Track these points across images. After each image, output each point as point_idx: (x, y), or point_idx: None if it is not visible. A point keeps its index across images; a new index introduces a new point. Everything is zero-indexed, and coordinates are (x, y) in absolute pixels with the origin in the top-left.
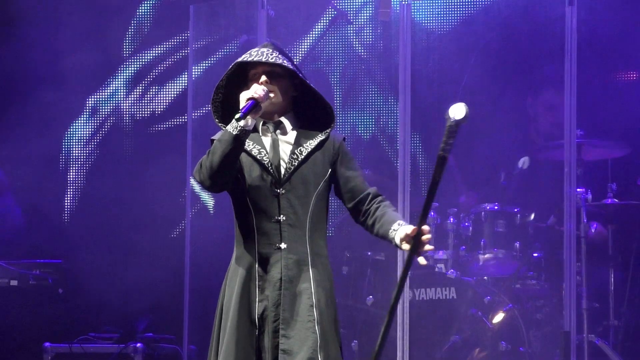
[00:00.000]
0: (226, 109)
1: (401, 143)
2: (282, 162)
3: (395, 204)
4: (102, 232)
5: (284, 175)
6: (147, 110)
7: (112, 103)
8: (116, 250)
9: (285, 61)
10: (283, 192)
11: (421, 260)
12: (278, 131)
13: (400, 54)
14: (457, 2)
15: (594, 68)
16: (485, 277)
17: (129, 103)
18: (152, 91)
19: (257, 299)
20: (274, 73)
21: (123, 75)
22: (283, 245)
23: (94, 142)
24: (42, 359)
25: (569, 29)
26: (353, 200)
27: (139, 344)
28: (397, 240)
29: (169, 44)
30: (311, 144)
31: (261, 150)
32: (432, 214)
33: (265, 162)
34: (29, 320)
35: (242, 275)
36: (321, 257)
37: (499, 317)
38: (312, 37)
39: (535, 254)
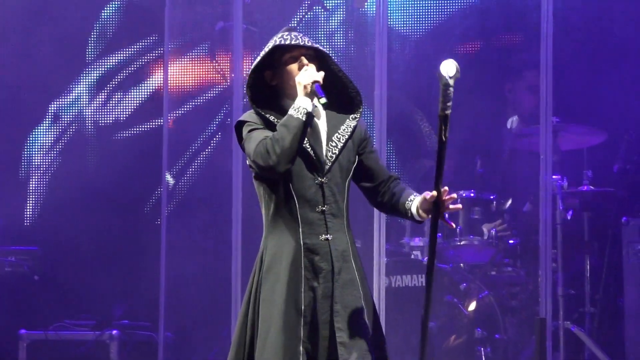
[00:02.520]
0: (253, 90)
1: (377, 141)
2: (322, 150)
3: (371, 211)
4: (67, 233)
5: (326, 163)
6: (111, 117)
7: (75, 109)
8: (91, 239)
9: (319, 45)
10: (326, 181)
11: (451, 224)
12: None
13: (377, 42)
14: None
15: (569, 55)
16: (461, 264)
17: (92, 109)
18: (117, 97)
19: (303, 290)
20: (309, 56)
21: (86, 81)
22: (329, 237)
23: (57, 149)
24: (18, 346)
25: (545, 16)
26: (374, 182)
27: (114, 331)
28: (414, 210)
29: (134, 49)
30: (345, 130)
31: None
32: None
33: (308, 149)
34: (4, 307)
35: (287, 265)
36: (355, 246)
37: (474, 304)
38: (292, 24)
39: (510, 241)
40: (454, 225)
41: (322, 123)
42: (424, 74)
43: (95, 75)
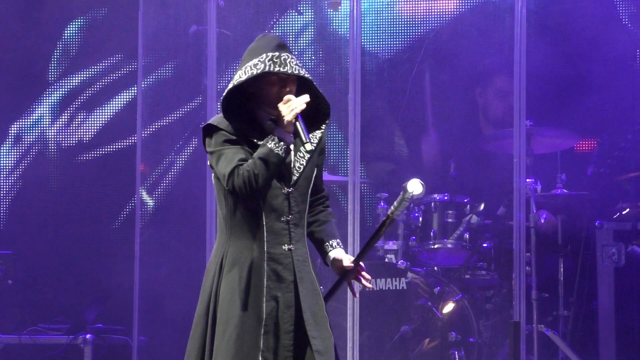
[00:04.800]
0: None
1: (351, 144)
2: (291, 161)
3: (345, 214)
4: (41, 238)
5: (295, 174)
6: (75, 138)
7: (37, 130)
8: (65, 243)
9: (306, 73)
10: (292, 191)
11: (355, 293)
12: None
13: (350, 45)
14: None
15: (543, 58)
16: (435, 268)
17: (55, 130)
18: (80, 117)
19: (265, 299)
20: (292, 79)
21: (49, 101)
22: (292, 247)
23: (18, 172)
24: None
25: (518, 20)
26: (312, 196)
27: (88, 335)
28: (330, 257)
29: (98, 67)
30: (314, 139)
31: None
32: (382, 204)
33: None
34: None
35: (248, 272)
36: (309, 254)
37: (448, 308)
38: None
39: (485, 244)
40: (356, 296)
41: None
42: (398, 77)
43: (58, 95)
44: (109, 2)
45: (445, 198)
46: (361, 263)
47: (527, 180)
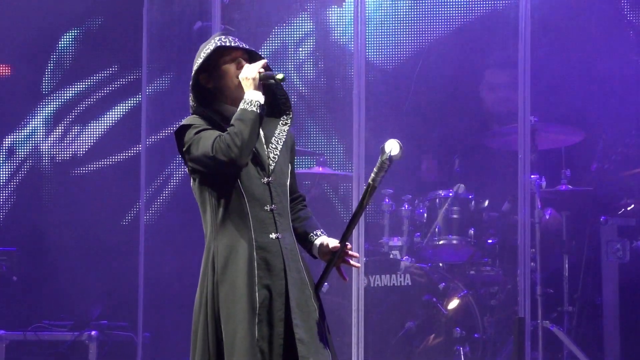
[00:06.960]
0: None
1: (355, 139)
2: (264, 151)
3: (349, 211)
4: (45, 234)
5: (270, 163)
6: (69, 151)
7: (31, 143)
8: (69, 240)
9: (257, 51)
10: (272, 180)
11: (345, 276)
12: None
13: (355, 41)
14: None
15: (547, 54)
16: (440, 264)
17: (49, 144)
18: (75, 131)
19: (256, 288)
20: (245, 59)
21: (42, 114)
22: (279, 235)
23: (11, 186)
24: None
25: (522, 14)
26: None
27: (93, 332)
28: (317, 244)
29: (93, 79)
30: (281, 134)
31: None
32: (387, 200)
33: (254, 150)
34: None
35: (242, 264)
36: (297, 245)
37: (453, 304)
38: (269, 24)
39: (489, 241)
40: (346, 279)
41: None
42: (402, 75)
43: (52, 107)
44: (105, 12)
45: (450, 194)
46: (347, 243)
47: (532, 176)
